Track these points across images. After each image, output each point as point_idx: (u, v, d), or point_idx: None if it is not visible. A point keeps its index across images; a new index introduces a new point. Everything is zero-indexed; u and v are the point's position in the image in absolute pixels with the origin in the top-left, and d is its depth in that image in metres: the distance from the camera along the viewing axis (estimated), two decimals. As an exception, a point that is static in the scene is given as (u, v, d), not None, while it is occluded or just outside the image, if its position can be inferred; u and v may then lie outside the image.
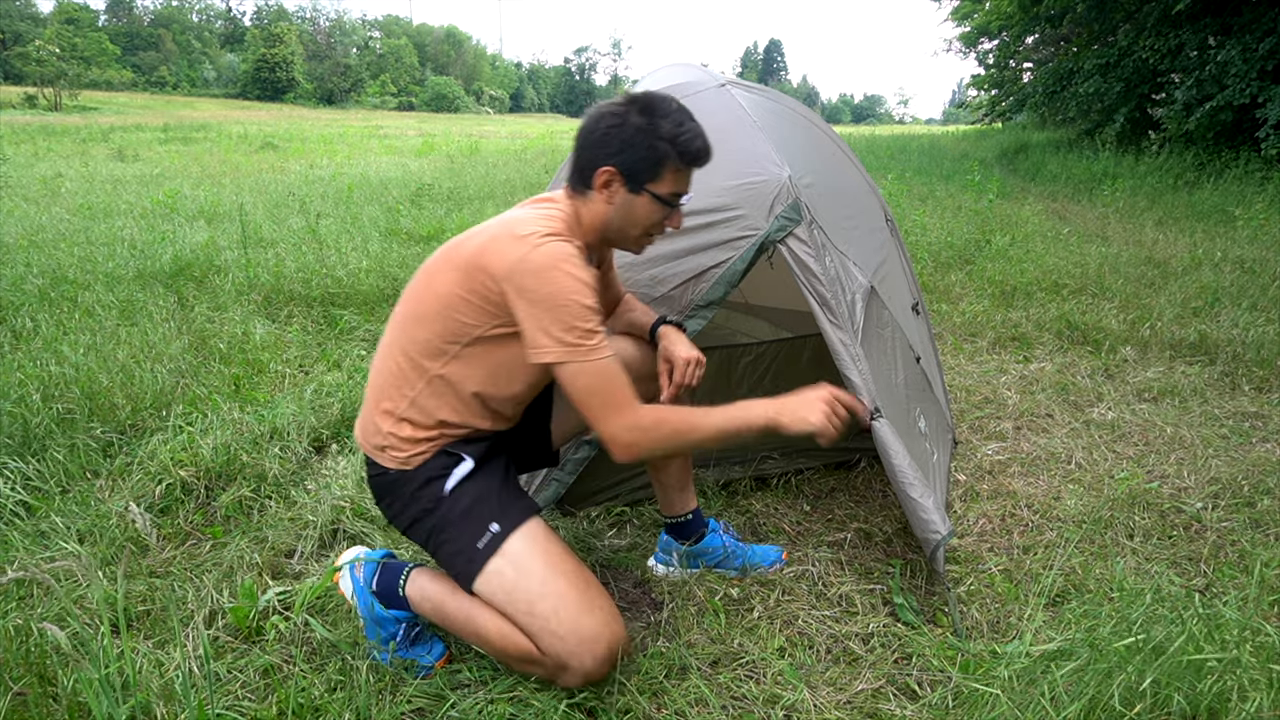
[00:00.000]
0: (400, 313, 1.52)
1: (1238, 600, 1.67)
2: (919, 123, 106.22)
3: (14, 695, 1.38)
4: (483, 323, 1.41)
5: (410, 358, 1.47)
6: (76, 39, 46.68)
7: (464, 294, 1.40)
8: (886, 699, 1.53)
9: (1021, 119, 16.92)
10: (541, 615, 1.37)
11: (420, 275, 1.51)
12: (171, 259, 4.61)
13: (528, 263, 1.33)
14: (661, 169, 1.46)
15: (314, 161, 12.54)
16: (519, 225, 1.40)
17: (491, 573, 1.42)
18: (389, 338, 1.53)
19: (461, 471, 1.50)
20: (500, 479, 1.54)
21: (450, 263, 1.44)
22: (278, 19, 73.43)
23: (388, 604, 1.57)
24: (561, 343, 1.34)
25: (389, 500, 1.54)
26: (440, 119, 46.25)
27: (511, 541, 1.44)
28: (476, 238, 1.44)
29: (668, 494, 1.90)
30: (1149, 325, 3.77)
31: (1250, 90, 8.62)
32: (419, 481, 1.49)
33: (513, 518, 1.47)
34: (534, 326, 1.34)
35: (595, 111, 1.49)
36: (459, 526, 1.46)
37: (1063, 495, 2.32)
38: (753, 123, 2.23)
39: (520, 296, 1.34)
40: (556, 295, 1.33)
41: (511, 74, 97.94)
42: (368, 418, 1.53)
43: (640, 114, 1.44)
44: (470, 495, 1.48)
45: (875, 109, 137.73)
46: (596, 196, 1.48)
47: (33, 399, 2.53)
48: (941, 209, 7.21)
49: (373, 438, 1.51)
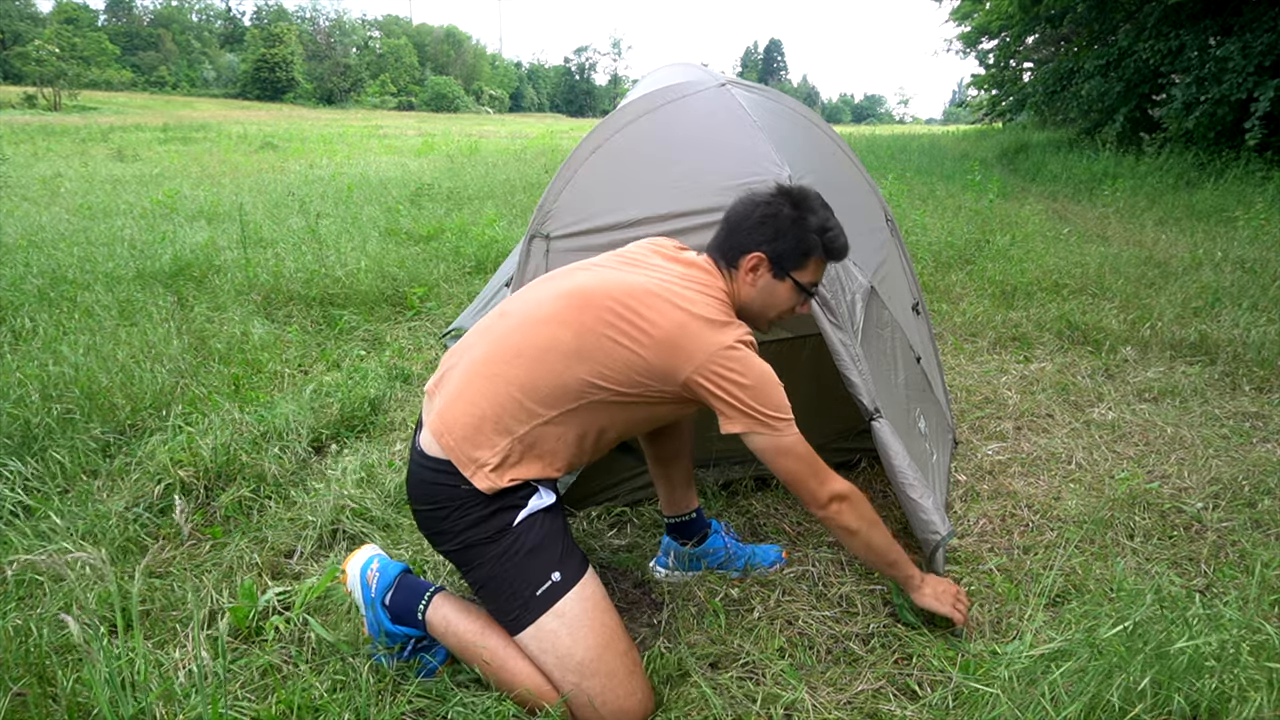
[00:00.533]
0: (545, 335, 1.44)
1: (1238, 600, 1.67)
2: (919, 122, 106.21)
3: (14, 695, 1.38)
4: (649, 385, 1.44)
5: (552, 386, 1.43)
6: (76, 39, 46.63)
7: (647, 358, 1.42)
8: (886, 699, 1.53)
9: (1022, 119, 16.91)
10: (589, 691, 1.39)
11: (582, 310, 1.45)
12: (171, 259, 4.61)
13: (732, 358, 1.43)
14: (807, 259, 1.57)
15: (314, 161, 12.54)
16: (706, 310, 1.46)
17: (545, 630, 1.41)
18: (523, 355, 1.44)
19: (536, 505, 1.46)
20: (563, 520, 1.53)
21: (629, 321, 1.43)
22: (277, 19, 73.41)
23: (399, 620, 1.55)
24: (774, 421, 1.46)
25: (447, 513, 1.45)
26: (440, 119, 46.24)
27: (569, 599, 1.42)
28: (661, 308, 1.44)
29: (672, 492, 1.90)
30: (1149, 325, 3.77)
31: (1248, 85, 8.62)
32: (492, 507, 1.44)
33: (573, 569, 1.45)
34: (741, 407, 1.43)
35: (749, 199, 1.59)
36: (520, 566, 1.43)
37: (1063, 495, 2.32)
38: (752, 122, 2.23)
39: (720, 385, 1.42)
40: (764, 383, 1.45)
41: (511, 74, 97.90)
42: (475, 427, 1.43)
43: (792, 207, 1.55)
44: (537, 534, 1.45)
45: (875, 109, 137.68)
46: (742, 277, 1.57)
47: (32, 399, 2.53)
48: (942, 209, 7.21)
49: (475, 451, 1.43)
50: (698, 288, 1.51)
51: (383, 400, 2.95)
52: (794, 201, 1.56)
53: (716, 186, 2.10)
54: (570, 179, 2.22)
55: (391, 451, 2.55)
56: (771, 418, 1.45)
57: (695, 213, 2.09)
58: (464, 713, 1.45)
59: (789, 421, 1.47)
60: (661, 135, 2.25)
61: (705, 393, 1.43)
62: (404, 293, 4.32)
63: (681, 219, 2.08)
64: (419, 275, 4.65)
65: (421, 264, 4.89)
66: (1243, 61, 8.69)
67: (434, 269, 4.82)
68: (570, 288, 1.50)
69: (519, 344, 1.46)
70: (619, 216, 2.13)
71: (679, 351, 1.42)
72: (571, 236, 2.16)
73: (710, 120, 2.29)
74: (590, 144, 2.26)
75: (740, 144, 2.18)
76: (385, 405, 2.93)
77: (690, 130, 2.26)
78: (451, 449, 1.44)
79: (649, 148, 2.22)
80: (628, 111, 2.30)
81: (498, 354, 1.46)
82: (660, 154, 2.20)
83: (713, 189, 2.10)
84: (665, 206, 2.09)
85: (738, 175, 2.09)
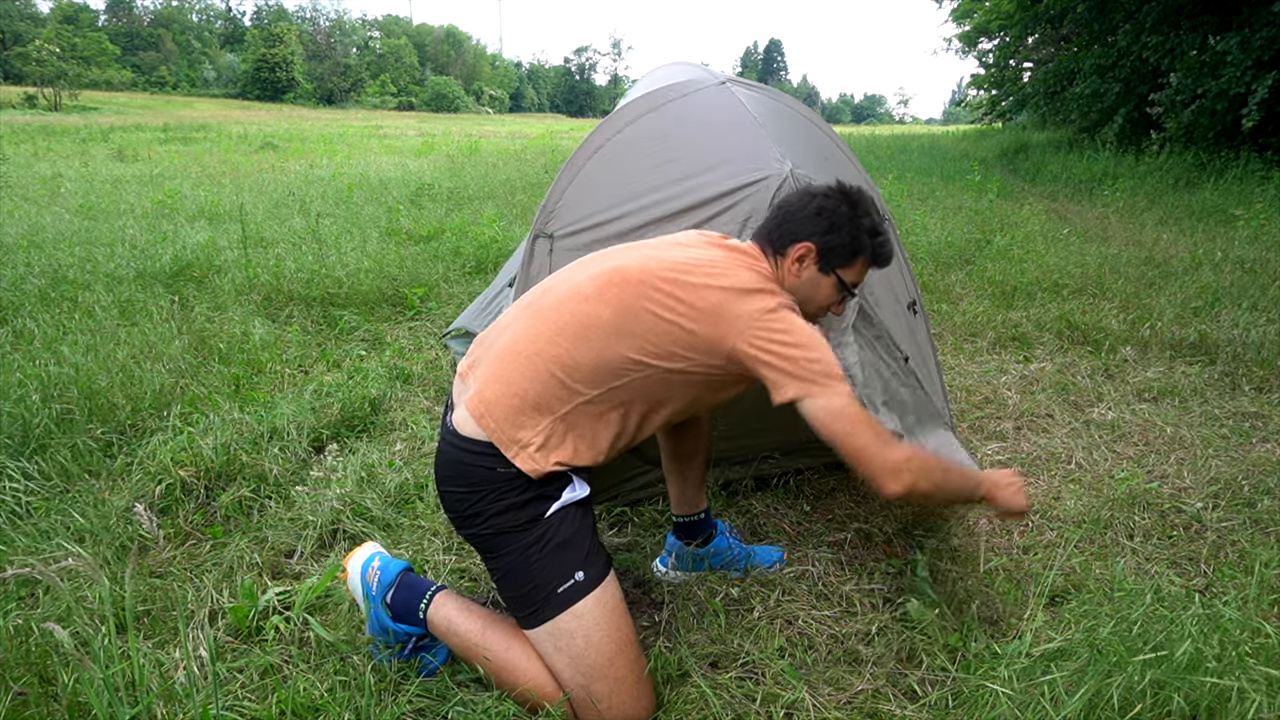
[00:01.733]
0: (584, 312, 1.43)
1: (1238, 600, 1.67)
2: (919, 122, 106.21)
3: (14, 695, 1.38)
4: (693, 359, 1.43)
5: (592, 364, 1.41)
6: (76, 39, 46.65)
7: (692, 328, 1.41)
8: (886, 699, 1.53)
9: (1021, 119, 16.92)
10: (596, 694, 1.39)
11: (622, 286, 1.44)
12: (172, 259, 4.61)
13: (777, 320, 1.41)
14: (855, 259, 1.56)
15: (314, 161, 12.54)
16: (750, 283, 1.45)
17: (562, 629, 1.40)
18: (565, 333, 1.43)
19: (570, 497, 1.45)
20: (593, 518, 1.52)
21: (670, 294, 1.42)
22: (278, 19, 73.40)
23: (401, 618, 1.55)
24: (824, 379, 1.40)
25: (481, 496, 1.42)
26: (440, 119, 46.24)
27: (590, 601, 1.41)
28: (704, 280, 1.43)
29: (684, 491, 1.90)
30: (1149, 325, 3.77)
31: (1245, 79, 8.62)
32: (529, 494, 1.42)
33: (597, 570, 1.45)
34: (791, 368, 1.39)
35: (805, 190, 1.60)
36: (547, 560, 1.41)
37: (1063, 495, 2.32)
38: (754, 120, 2.24)
39: (769, 348, 1.40)
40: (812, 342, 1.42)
41: (511, 74, 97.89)
42: (516, 408, 1.41)
43: (849, 205, 1.55)
44: (568, 528, 1.43)
45: (875, 109, 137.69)
46: (788, 266, 1.55)
47: (32, 399, 2.53)
48: (942, 209, 7.21)
49: (517, 431, 1.40)
50: (741, 265, 1.50)
51: (383, 400, 2.95)
52: (850, 200, 1.56)
53: (719, 184, 2.10)
54: (573, 178, 2.23)
55: (392, 451, 2.55)
56: (822, 375, 1.39)
57: (698, 209, 2.09)
58: (464, 713, 1.45)
59: (842, 380, 1.41)
60: (663, 133, 2.25)
61: (752, 360, 1.41)
62: (404, 293, 4.32)
63: (684, 216, 2.08)
64: (419, 275, 4.65)
65: (422, 264, 4.89)
66: (1241, 55, 8.69)
67: (434, 269, 4.82)
68: (610, 267, 1.48)
69: (559, 322, 1.44)
70: (622, 215, 2.14)
71: (722, 320, 1.41)
72: (575, 235, 2.16)
73: (712, 118, 2.29)
74: (593, 143, 2.26)
75: (742, 141, 2.18)
76: (385, 405, 2.93)
77: (692, 128, 2.26)
78: (493, 430, 1.41)
79: (651, 146, 2.23)
80: (629, 111, 2.30)
81: (538, 333, 1.44)
82: (663, 152, 2.20)
83: (715, 186, 2.10)
84: (669, 204, 2.10)
85: (740, 173, 2.09)
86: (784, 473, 2.41)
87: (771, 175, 2.04)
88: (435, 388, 3.15)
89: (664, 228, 2.09)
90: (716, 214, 2.06)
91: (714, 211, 2.06)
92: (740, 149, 2.15)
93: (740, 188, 2.06)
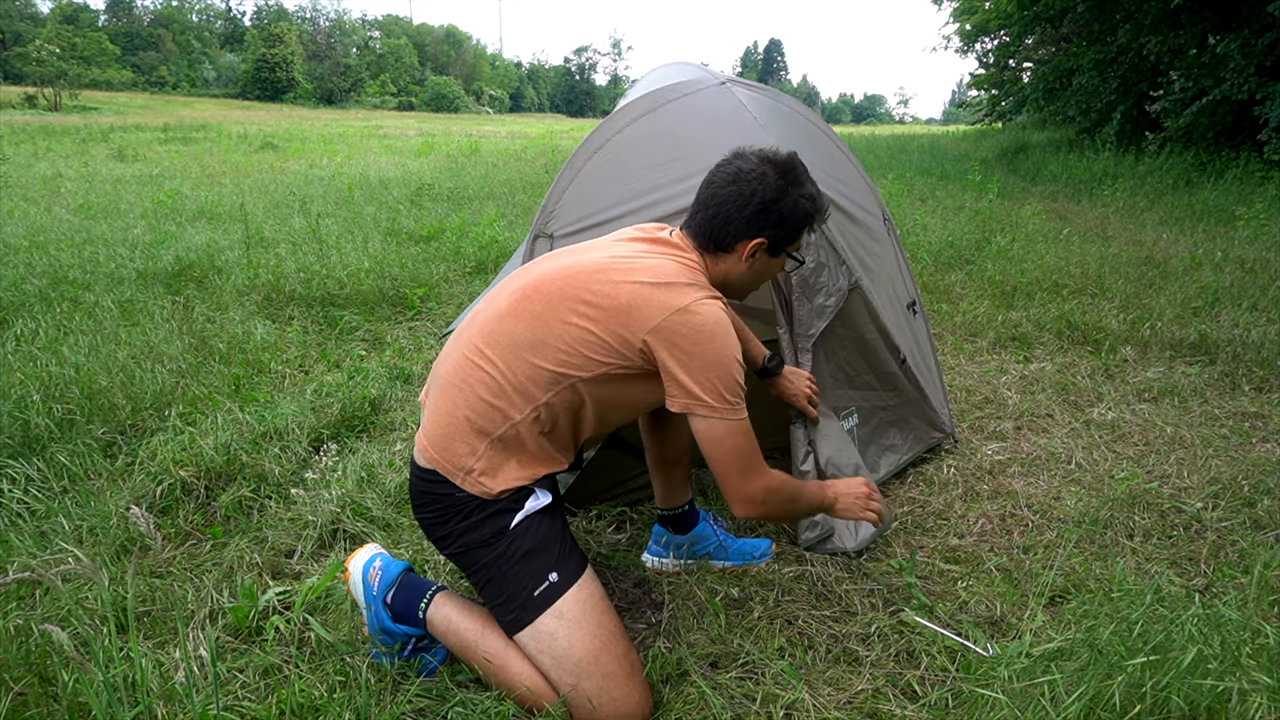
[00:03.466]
0: (502, 332, 1.43)
1: (1238, 600, 1.67)
2: (919, 122, 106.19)
3: (14, 695, 1.38)
4: (611, 362, 1.40)
5: (518, 383, 1.41)
6: (76, 39, 46.63)
7: (600, 334, 1.39)
8: (886, 699, 1.53)
9: (1021, 119, 16.92)
10: (586, 692, 1.38)
11: (533, 298, 1.43)
12: (173, 259, 4.62)
13: (687, 323, 1.36)
14: (801, 234, 1.56)
15: (314, 161, 12.54)
16: (664, 274, 1.41)
17: (543, 631, 1.41)
18: (486, 355, 1.43)
19: (533, 506, 1.46)
20: (561, 521, 1.52)
21: (579, 299, 1.40)
22: (277, 19, 73.37)
23: (400, 619, 1.55)
24: (717, 402, 1.38)
25: (445, 519, 1.46)
26: (440, 119, 46.24)
27: (567, 600, 1.42)
28: (614, 279, 1.40)
29: (671, 489, 1.91)
30: (1149, 325, 3.77)
31: (1249, 86, 8.61)
32: (489, 510, 1.44)
33: (571, 568, 1.45)
34: (688, 381, 1.37)
35: (733, 178, 1.49)
36: (517, 568, 1.43)
37: (1063, 495, 2.32)
38: (754, 120, 2.24)
39: (672, 352, 1.37)
40: (717, 357, 1.37)
41: (511, 74, 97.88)
42: (454, 435, 1.43)
43: (785, 182, 1.48)
44: (535, 535, 1.45)
45: (875, 109, 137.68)
46: (736, 260, 1.52)
47: (33, 400, 2.53)
48: (942, 209, 7.21)
49: (460, 459, 1.42)
50: (663, 255, 1.47)
51: (383, 400, 2.95)
52: (785, 175, 1.49)
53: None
54: (574, 178, 2.23)
55: (392, 451, 2.55)
56: (715, 395, 1.38)
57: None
58: (464, 713, 1.45)
59: (734, 401, 1.39)
60: (663, 133, 2.25)
61: (657, 360, 1.39)
62: (404, 293, 4.32)
63: (684, 216, 2.08)
64: (419, 275, 4.66)
65: (422, 264, 4.89)
66: (1242, 61, 8.68)
67: (434, 269, 4.82)
68: (525, 281, 1.47)
69: (480, 346, 1.44)
70: (622, 214, 2.13)
71: (632, 316, 1.37)
72: (574, 235, 2.16)
73: (712, 118, 2.29)
74: (593, 143, 2.26)
75: (743, 141, 2.18)
76: (385, 405, 2.93)
77: (692, 128, 2.26)
78: (437, 461, 1.44)
79: (651, 146, 2.23)
80: (629, 111, 2.30)
81: (464, 361, 1.45)
82: (662, 152, 2.20)
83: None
84: (669, 204, 2.10)
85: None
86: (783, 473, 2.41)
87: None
88: (435, 388, 3.15)
89: (664, 228, 2.10)
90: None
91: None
92: (740, 149, 2.16)
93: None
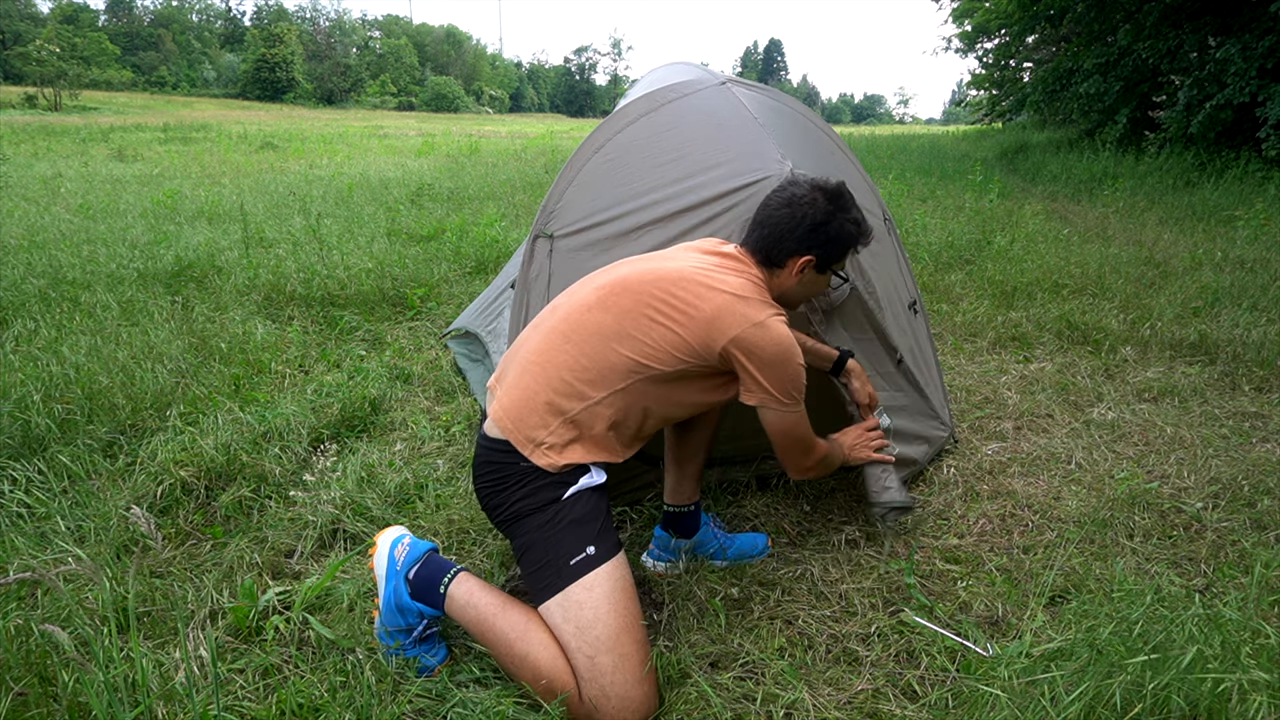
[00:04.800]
0: (589, 321, 1.58)
1: (1238, 601, 1.67)
2: (919, 122, 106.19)
3: (14, 695, 1.38)
4: (690, 362, 1.57)
5: (598, 368, 1.55)
6: (76, 39, 46.67)
7: (685, 336, 1.55)
8: (886, 699, 1.53)
9: (1022, 119, 16.91)
10: (601, 668, 1.42)
11: (621, 295, 1.59)
12: (173, 260, 4.61)
13: (764, 336, 1.56)
14: (846, 254, 1.76)
15: (314, 161, 12.54)
16: (742, 290, 1.60)
17: (572, 599, 1.46)
18: (572, 340, 1.57)
19: (586, 482, 1.57)
20: (608, 503, 1.62)
21: (665, 300, 1.57)
22: (277, 19, 73.36)
23: (418, 596, 1.58)
24: (786, 399, 1.61)
25: (504, 487, 1.56)
26: (440, 119, 46.25)
27: (599, 574, 1.48)
28: (698, 289, 1.57)
29: (682, 483, 1.93)
30: (1149, 325, 3.77)
31: (1250, 89, 8.60)
32: (546, 479, 1.55)
33: (608, 547, 1.53)
34: (764, 381, 1.59)
35: (787, 201, 1.70)
36: (560, 535, 1.51)
37: (1063, 495, 2.32)
38: (754, 120, 2.24)
39: (750, 358, 1.57)
40: (786, 364, 1.59)
41: (511, 74, 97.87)
42: (531, 410, 1.56)
43: (834, 207, 1.69)
44: (582, 508, 1.54)
45: (875, 109, 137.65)
46: (788, 275, 1.72)
47: (33, 400, 2.53)
48: (942, 209, 7.21)
49: (532, 431, 1.55)
50: (732, 273, 1.65)
51: (383, 400, 2.95)
52: (833, 200, 1.69)
53: (720, 184, 2.10)
54: (573, 179, 2.23)
55: (391, 451, 2.55)
56: (784, 394, 1.60)
57: (699, 209, 2.09)
58: (464, 713, 1.45)
59: (797, 398, 1.63)
60: (664, 134, 2.25)
61: (736, 363, 1.57)
62: (404, 293, 4.32)
63: (685, 216, 2.08)
64: (419, 275, 4.65)
65: (422, 264, 4.89)
66: (1244, 64, 8.67)
67: (434, 269, 4.82)
68: (611, 279, 1.63)
69: (567, 332, 1.59)
70: (623, 214, 2.14)
71: (716, 326, 1.55)
72: (575, 235, 2.16)
73: (713, 118, 2.29)
74: (593, 143, 2.26)
75: (743, 141, 2.18)
76: (385, 405, 2.93)
77: (693, 129, 2.26)
78: (510, 431, 1.56)
79: (652, 146, 2.23)
80: (630, 111, 2.31)
81: (547, 343, 1.60)
82: (663, 152, 2.20)
83: (716, 186, 2.10)
84: (669, 204, 2.10)
85: (741, 173, 2.09)
86: (784, 473, 2.41)
87: (772, 175, 2.04)
88: (435, 388, 3.15)
89: (665, 227, 2.09)
90: (717, 214, 2.06)
91: (715, 211, 2.06)
92: (741, 149, 2.15)
93: (741, 188, 2.06)
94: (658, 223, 2.09)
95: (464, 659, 1.63)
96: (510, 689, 1.51)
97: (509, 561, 1.97)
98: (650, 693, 1.45)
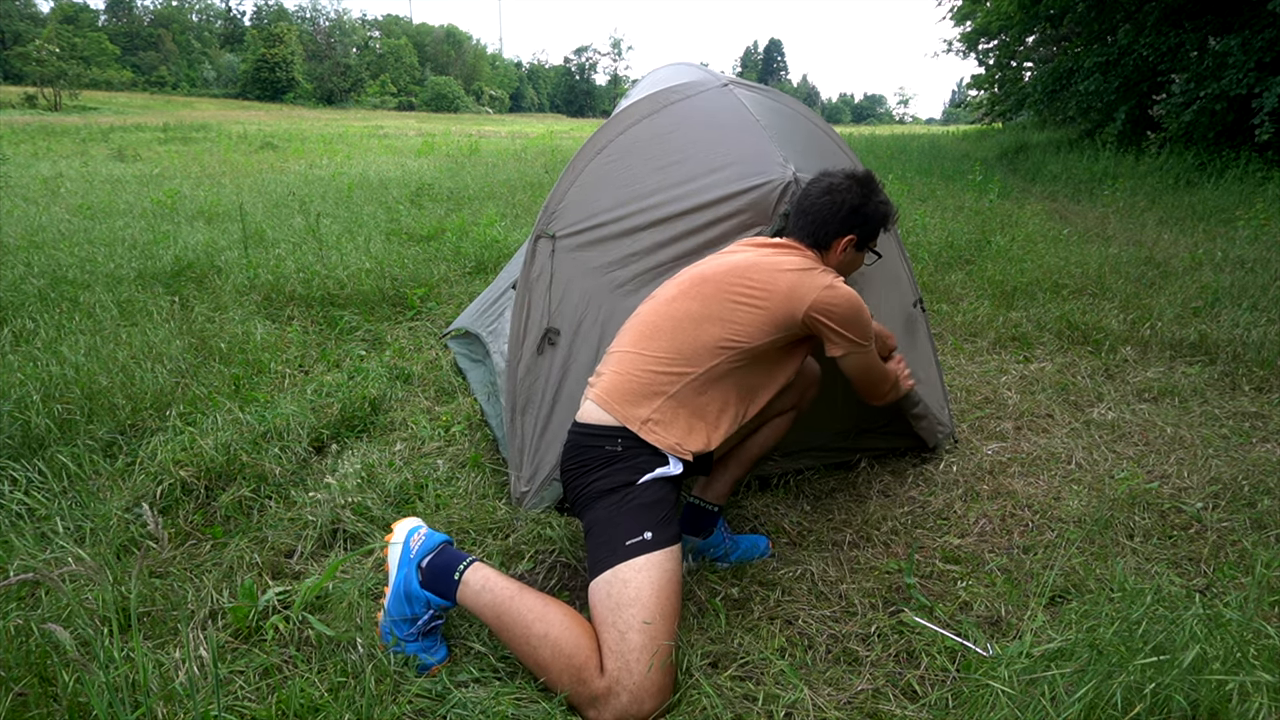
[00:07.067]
0: (676, 309, 1.76)
1: (1238, 601, 1.67)
2: (919, 122, 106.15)
3: (14, 695, 1.38)
4: (776, 335, 1.74)
5: (688, 349, 1.71)
6: (76, 39, 46.66)
7: (771, 310, 1.73)
8: (886, 699, 1.53)
9: (1022, 119, 16.90)
10: (630, 645, 1.44)
11: (703, 286, 1.77)
12: (173, 259, 4.61)
13: (836, 295, 1.76)
14: (879, 231, 1.96)
15: (314, 161, 12.54)
16: (803, 265, 1.80)
17: (619, 577, 1.51)
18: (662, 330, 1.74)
19: (662, 472, 1.65)
20: (677, 496, 1.71)
21: (743, 286, 1.75)
22: (277, 19, 73.34)
23: (428, 585, 1.59)
24: (862, 341, 1.82)
25: (588, 470, 1.66)
26: (440, 119, 46.25)
27: (650, 559, 1.53)
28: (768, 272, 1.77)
29: (720, 482, 1.99)
30: (1149, 325, 3.77)
31: (1248, 81, 8.59)
32: (628, 463, 1.64)
33: (666, 536, 1.58)
34: (843, 331, 1.78)
35: (826, 188, 1.90)
36: (624, 516, 1.59)
37: (1063, 495, 2.32)
38: (756, 121, 2.24)
39: (829, 316, 1.75)
40: (858, 315, 1.79)
41: (511, 74, 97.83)
42: (634, 392, 1.69)
43: (867, 191, 1.91)
44: (651, 495, 1.62)
45: (875, 109, 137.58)
46: (834, 254, 1.91)
47: (33, 400, 2.53)
48: (942, 209, 7.21)
49: (637, 409, 1.67)
50: (793, 253, 1.85)
51: (383, 400, 2.95)
52: (865, 185, 1.91)
53: (723, 186, 2.10)
54: (575, 179, 2.23)
55: (391, 451, 2.55)
56: (859, 339, 1.81)
57: (701, 211, 2.09)
58: (463, 713, 1.45)
59: (870, 344, 1.85)
60: (666, 135, 2.25)
61: (816, 324, 1.75)
62: (404, 293, 4.32)
63: (687, 218, 2.08)
64: (419, 275, 4.65)
65: (422, 264, 4.89)
66: (1243, 57, 8.67)
67: (434, 269, 4.82)
68: (689, 276, 1.82)
69: (656, 324, 1.76)
70: (625, 215, 2.14)
71: (794, 297, 1.73)
72: (576, 235, 2.16)
73: (714, 121, 2.29)
74: (595, 144, 2.26)
75: (745, 144, 2.18)
76: (385, 405, 2.93)
77: (694, 130, 2.26)
78: (618, 412, 1.68)
79: (653, 147, 2.23)
80: (632, 112, 2.30)
81: (641, 335, 1.77)
82: (665, 154, 2.20)
83: (719, 189, 2.10)
84: (672, 206, 2.10)
85: (744, 175, 2.09)
86: (784, 473, 2.41)
87: (774, 179, 2.04)
88: (435, 388, 3.15)
89: (667, 229, 2.09)
90: (720, 218, 2.06)
91: (717, 215, 2.06)
92: (743, 152, 2.15)
93: (744, 191, 2.06)
94: (660, 224, 2.09)
95: (464, 659, 1.63)
96: (510, 687, 1.51)
97: (510, 561, 1.97)
98: (669, 683, 1.47)
